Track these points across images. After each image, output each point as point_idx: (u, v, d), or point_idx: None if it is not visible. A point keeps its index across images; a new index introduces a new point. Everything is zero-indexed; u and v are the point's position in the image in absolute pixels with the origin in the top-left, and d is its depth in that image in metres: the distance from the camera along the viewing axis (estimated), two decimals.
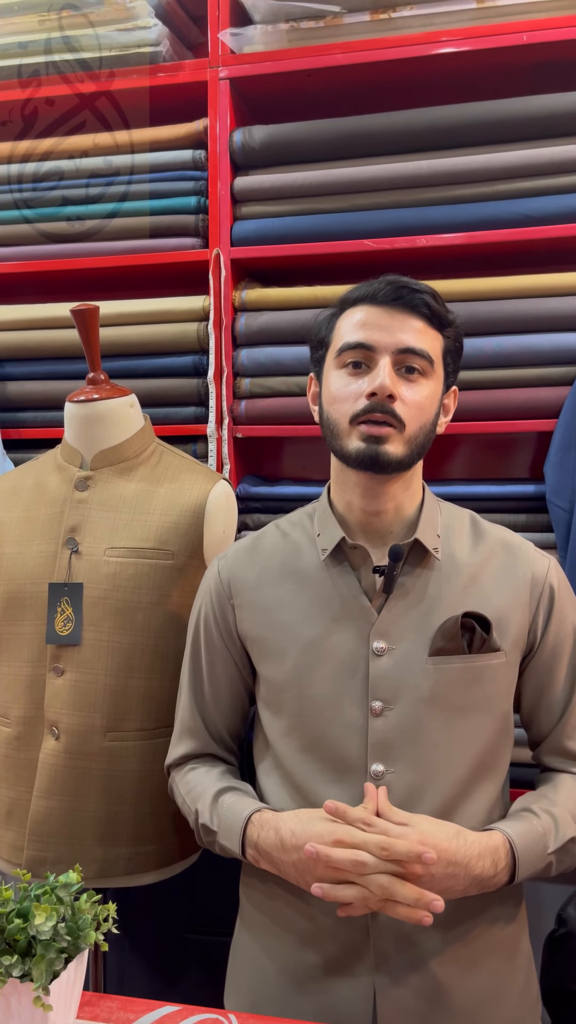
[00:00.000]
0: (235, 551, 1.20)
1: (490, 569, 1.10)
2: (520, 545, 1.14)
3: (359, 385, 1.05)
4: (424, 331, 1.06)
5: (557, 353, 1.59)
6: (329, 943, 1.06)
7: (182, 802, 1.17)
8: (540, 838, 1.03)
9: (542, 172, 1.59)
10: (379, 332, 1.04)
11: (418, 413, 1.05)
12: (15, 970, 0.89)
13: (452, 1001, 1.04)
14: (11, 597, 1.37)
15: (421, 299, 1.05)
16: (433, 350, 1.07)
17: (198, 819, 1.11)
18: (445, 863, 0.96)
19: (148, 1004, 1.00)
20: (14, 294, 1.91)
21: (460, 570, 1.09)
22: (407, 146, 1.64)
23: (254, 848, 1.05)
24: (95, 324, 1.39)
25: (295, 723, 1.09)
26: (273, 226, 1.70)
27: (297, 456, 1.96)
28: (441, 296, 1.09)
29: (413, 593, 1.07)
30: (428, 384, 1.06)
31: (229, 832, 1.07)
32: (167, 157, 1.74)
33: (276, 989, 1.09)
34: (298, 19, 1.67)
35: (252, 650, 1.15)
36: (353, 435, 1.05)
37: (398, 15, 1.63)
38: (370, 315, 1.06)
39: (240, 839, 1.05)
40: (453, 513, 1.16)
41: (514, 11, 1.59)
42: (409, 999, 1.04)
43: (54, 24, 1.74)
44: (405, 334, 1.04)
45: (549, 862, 1.03)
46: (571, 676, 1.12)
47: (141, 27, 1.71)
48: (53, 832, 1.31)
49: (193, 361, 1.75)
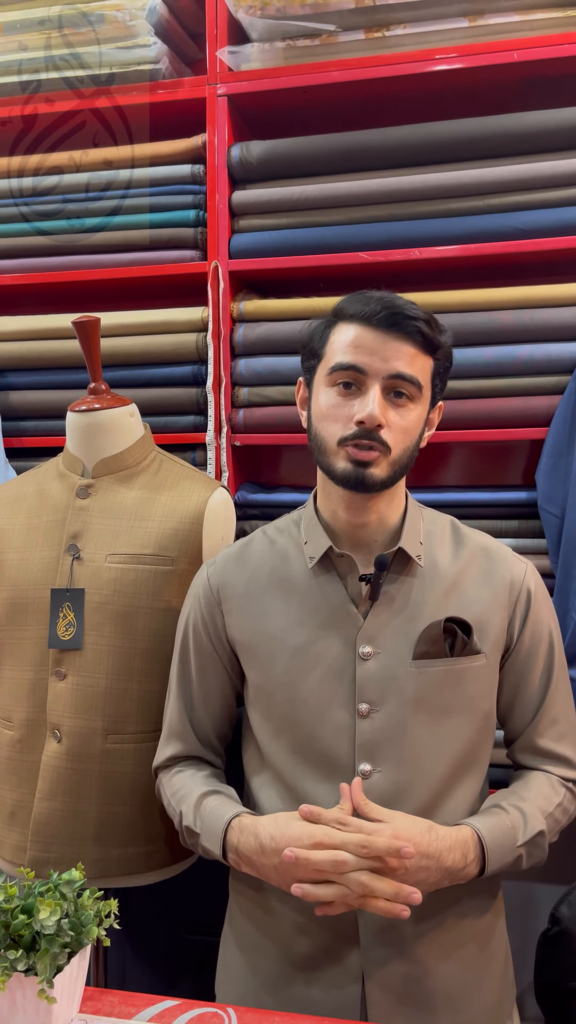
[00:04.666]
0: (224, 558, 1.23)
1: (470, 574, 1.13)
2: (499, 550, 1.17)
3: (349, 408, 1.07)
4: (416, 357, 1.07)
5: (549, 363, 1.61)
6: (318, 933, 1.09)
7: (168, 804, 1.19)
8: (509, 831, 1.06)
9: (534, 186, 1.62)
10: (371, 356, 1.06)
11: (403, 437, 1.08)
12: (20, 964, 0.92)
13: (436, 987, 1.08)
14: (14, 603, 1.39)
15: (415, 326, 1.06)
16: (423, 375, 1.08)
17: (182, 821, 1.14)
18: (419, 856, 0.99)
19: (149, 999, 1.02)
20: (17, 305, 1.94)
21: (442, 576, 1.13)
22: (402, 161, 1.67)
23: (235, 852, 1.07)
24: (96, 335, 1.42)
25: (285, 725, 1.12)
26: (270, 239, 1.73)
27: (294, 463, 1.99)
28: (435, 318, 1.10)
29: (397, 599, 1.11)
30: (416, 408, 1.09)
31: (211, 835, 1.09)
32: (167, 171, 1.77)
33: (266, 979, 1.12)
34: (294, 37, 1.70)
35: (242, 655, 1.18)
36: (340, 456, 1.08)
37: (392, 33, 1.66)
38: (364, 337, 1.06)
39: (221, 843, 1.08)
40: (434, 519, 1.20)
41: (505, 29, 1.62)
42: (397, 986, 1.07)
43: (56, 41, 1.77)
44: (398, 361, 1.06)
45: (519, 855, 1.07)
46: (546, 677, 1.15)
47: (141, 45, 1.75)
48: (55, 833, 1.33)
49: (192, 371, 1.77)
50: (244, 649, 1.17)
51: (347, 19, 1.66)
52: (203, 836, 1.10)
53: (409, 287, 1.70)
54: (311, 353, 1.14)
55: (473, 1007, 1.10)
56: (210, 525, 1.39)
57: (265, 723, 1.14)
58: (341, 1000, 1.07)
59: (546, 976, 1.40)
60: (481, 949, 1.12)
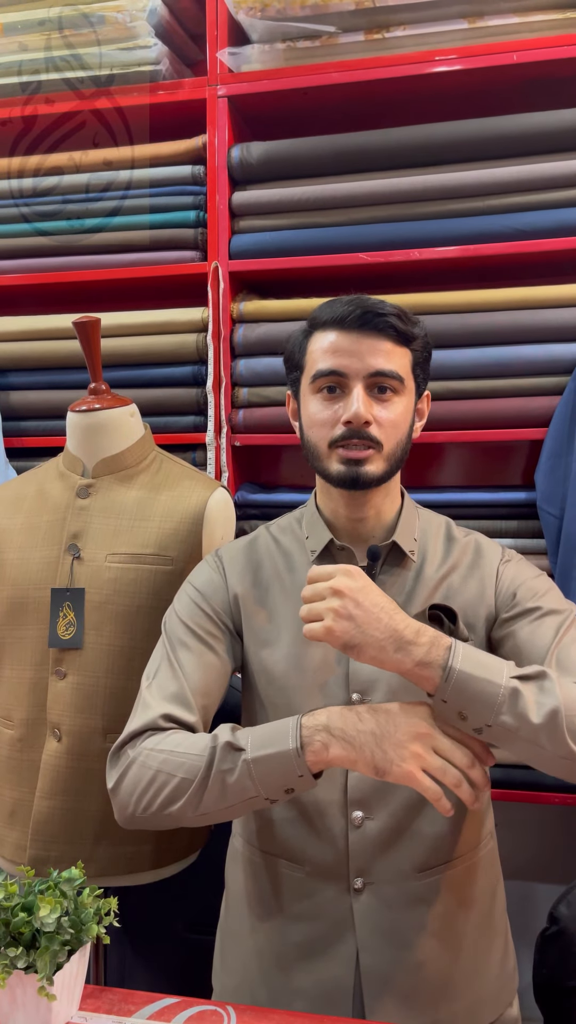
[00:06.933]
0: (232, 547, 1.23)
1: (460, 569, 1.15)
2: (488, 545, 1.19)
3: (335, 411, 1.10)
4: (392, 351, 1.10)
5: (548, 363, 1.62)
6: (313, 921, 1.09)
7: (161, 762, 1.01)
8: (491, 660, 0.96)
9: (533, 187, 1.62)
10: (349, 358, 1.08)
11: (393, 431, 1.10)
12: (20, 962, 0.92)
13: (432, 976, 1.08)
14: (14, 602, 1.40)
15: (387, 322, 1.08)
16: (402, 367, 1.11)
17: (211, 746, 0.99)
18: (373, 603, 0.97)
19: (148, 996, 1.03)
20: (17, 305, 1.95)
21: (433, 571, 1.14)
22: (402, 162, 1.68)
23: (324, 732, 0.96)
24: (96, 336, 1.42)
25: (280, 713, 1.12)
26: (270, 239, 1.73)
27: (293, 463, 2.00)
28: (406, 311, 1.11)
29: (391, 591, 1.12)
30: (401, 400, 1.11)
31: (273, 737, 0.98)
32: (167, 172, 1.78)
33: (261, 967, 1.13)
34: (294, 39, 1.71)
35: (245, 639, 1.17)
36: (332, 458, 1.10)
37: (392, 35, 1.67)
38: (340, 340, 1.09)
39: (296, 734, 0.97)
40: (430, 519, 1.21)
41: (505, 31, 1.63)
42: (392, 974, 1.07)
43: (57, 42, 1.78)
44: (375, 358, 1.08)
45: (513, 690, 0.93)
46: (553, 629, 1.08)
47: (142, 46, 1.75)
48: (55, 832, 1.34)
49: (192, 371, 1.78)
50: (247, 634, 1.17)
51: (347, 21, 1.67)
52: (253, 747, 0.98)
53: (409, 288, 1.71)
54: (293, 365, 1.17)
55: (470, 996, 1.11)
56: (210, 525, 1.40)
57: (261, 710, 1.15)
58: (335, 987, 1.08)
59: (544, 975, 1.40)
60: (478, 938, 1.12)
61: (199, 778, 0.99)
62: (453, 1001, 1.09)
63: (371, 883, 1.07)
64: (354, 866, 1.07)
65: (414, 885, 1.07)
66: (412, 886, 1.07)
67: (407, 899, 1.07)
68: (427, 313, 1.63)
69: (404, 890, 1.07)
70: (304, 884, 1.10)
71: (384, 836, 1.07)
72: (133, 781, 1.03)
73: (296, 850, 1.10)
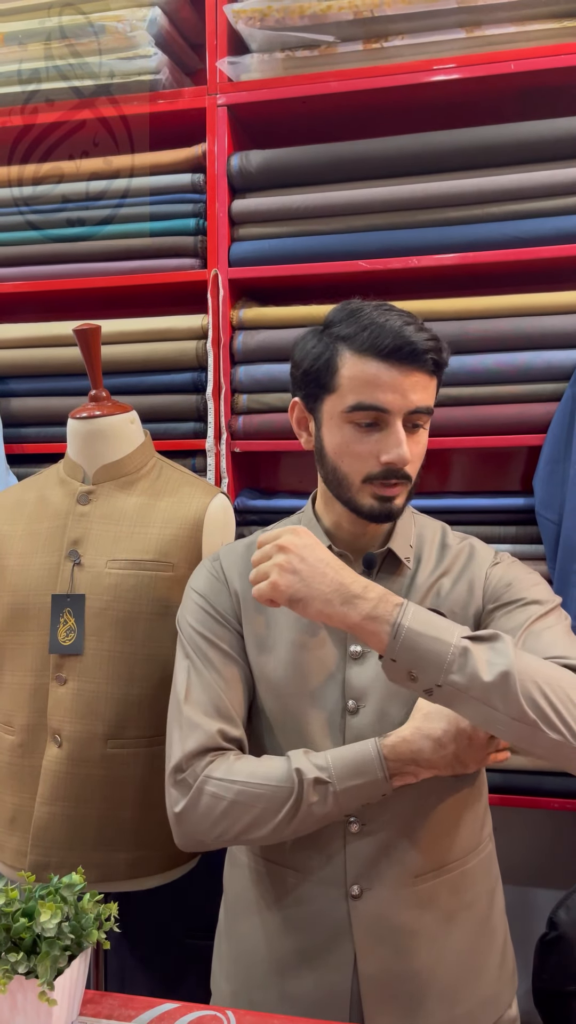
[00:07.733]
0: (230, 549, 1.22)
1: (451, 573, 1.15)
2: (481, 549, 1.19)
3: (371, 445, 1.06)
4: (428, 384, 1.08)
5: (547, 370, 1.63)
6: (312, 926, 1.09)
7: (237, 793, 1.02)
8: (443, 621, 0.96)
9: (531, 195, 1.63)
10: (392, 394, 1.04)
11: (418, 462, 1.11)
12: (21, 967, 0.92)
13: (432, 979, 1.08)
14: (15, 608, 1.40)
15: (431, 359, 1.06)
16: (433, 398, 1.10)
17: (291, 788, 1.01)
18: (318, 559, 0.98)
19: (148, 1001, 1.03)
20: (18, 313, 1.96)
21: (427, 577, 1.15)
22: (400, 170, 1.69)
23: (411, 760, 1.01)
24: (97, 343, 1.43)
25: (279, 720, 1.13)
26: (270, 247, 1.74)
27: (293, 469, 2.01)
28: (438, 336, 1.08)
29: None
30: (426, 431, 1.11)
31: (357, 767, 1.01)
32: (167, 180, 1.79)
33: (260, 972, 1.13)
34: (293, 48, 1.72)
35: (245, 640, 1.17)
36: (365, 492, 1.08)
37: (390, 44, 1.68)
38: (383, 375, 1.04)
39: (382, 764, 1.01)
40: (425, 524, 1.22)
41: (502, 40, 1.64)
42: (391, 980, 1.07)
43: (58, 51, 1.79)
44: (415, 394, 1.06)
45: (449, 654, 0.92)
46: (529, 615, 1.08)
47: (142, 55, 1.76)
48: (56, 837, 1.34)
49: (192, 378, 1.79)
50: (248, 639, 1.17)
51: (346, 30, 1.68)
52: (339, 777, 1.01)
53: (408, 295, 1.72)
54: (313, 380, 1.11)
55: (469, 1000, 1.11)
56: (210, 531, 1.40)
57: (256, 714, 1.16)
58: (334, 993, 1.08)
59: (544, 980, 1.40)
60: (477, 941, 1.12)
61: (287, 809, 1.01)
62: (452, 1005, 1.09)
63: (368, 889, 1.07)
64: (351, 873, 1.08)
65: (412, 890, 1.08)
66: (410, 891, 1.08)
67: (405, 904, 1.07)
68: (426, 320, 1.62)
69: (402, 896, 1.07)
70: (302, 890, 1.10)
71: (381, 843, 1.08)
72: (206, 810, 1.04)
73: (294, 857, 1.11)
